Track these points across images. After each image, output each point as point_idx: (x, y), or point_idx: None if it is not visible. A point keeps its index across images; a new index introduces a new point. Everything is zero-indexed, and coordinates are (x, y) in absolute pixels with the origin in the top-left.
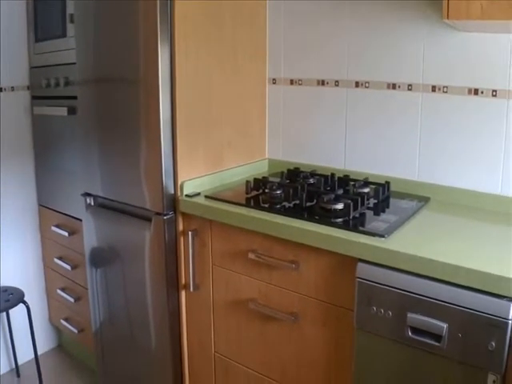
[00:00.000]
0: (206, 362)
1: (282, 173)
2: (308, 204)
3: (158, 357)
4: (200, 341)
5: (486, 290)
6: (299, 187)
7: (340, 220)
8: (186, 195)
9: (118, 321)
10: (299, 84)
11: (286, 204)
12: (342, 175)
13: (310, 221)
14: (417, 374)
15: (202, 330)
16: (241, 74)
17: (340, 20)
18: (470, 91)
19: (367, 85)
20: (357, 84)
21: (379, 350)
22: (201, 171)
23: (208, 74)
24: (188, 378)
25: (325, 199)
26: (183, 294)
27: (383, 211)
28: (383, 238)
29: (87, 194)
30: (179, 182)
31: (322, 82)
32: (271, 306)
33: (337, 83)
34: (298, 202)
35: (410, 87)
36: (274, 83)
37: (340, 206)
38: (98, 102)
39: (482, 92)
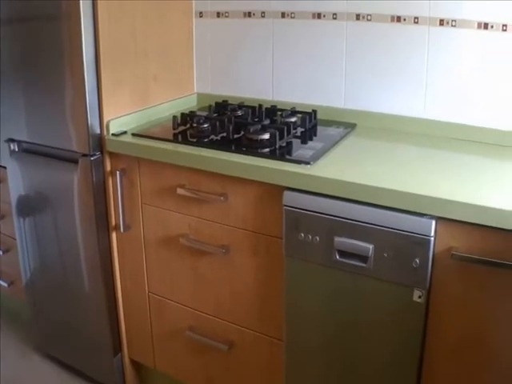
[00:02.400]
0: (140, 303)
1: (210, 106)
2: (235, 136)
3: (92, 301)
4: (133, 281)
5: (409, 209)
6: (226, 120)
7: (266, 150)
8: (113, 134)
9: (50, 268)
10: (226, 16)
11: (213, 137)
12: (269, 106)
13: (237, 152)
14: (346, 295)
15: (134, 270)
16: (166, 8)
17: None
18: (392, 19)
19: (293, 15)
20: (283, 15)
21: (309, 276)
22: (127, 109)
23: (132, 7)
24: (123, 320)
25: (251, 130)
26: (114, 235)
27: (310, 139)
28: (309, 165)
29: (11, 140)
30: (105, 121)
31: (249, 14)
32: (202, 240)
33: (263, 14)
34: (224, 134)
35: (334, 16)
36: (200, 16)
37: (266, 136)
38: (19, 41)
39: (405, 19)
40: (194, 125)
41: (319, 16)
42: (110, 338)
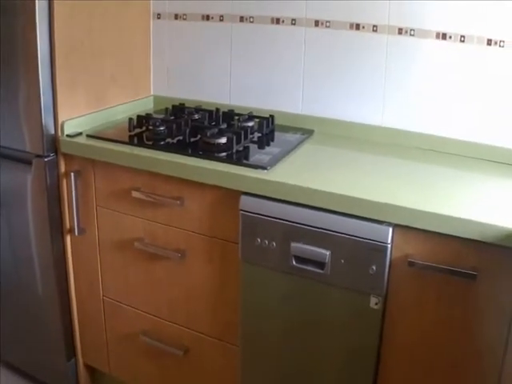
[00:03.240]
0: (95, 307)
1: (167, 109)
2: (192, 139)
3: (45, 305)
4: (88, 285)
5: (366, 216)
6: (183, 123)
7: (223, 154)
8: (67, 135)
9: (2, 272)
10: (184, 19)
11: (170, 140)
12: (227, 110)
13: (194, 156)
14: (303, 301)
15: (89, 274)
16: (124, 8)
17: None
18: (351, 26)
19: (252, 19)
20: (241, 19)
21: (265, 281)
22: (83, 110)
23: (89, 7)
24: (77, 324)
25: (208, 134)
26: (68, 238)
27: (267, 144)
28: (265, 170)
29: None
30: (60, 122)
31: (207, 17)
32: (157, 244)
33: (221, 18)
34: (181, 137)
35: (293, 22)
36: (158, 18)
37: (223, 140)
38: None
39: (364, 27)
40: (151, 127)
41: (278, 21)
42: (63, 343)
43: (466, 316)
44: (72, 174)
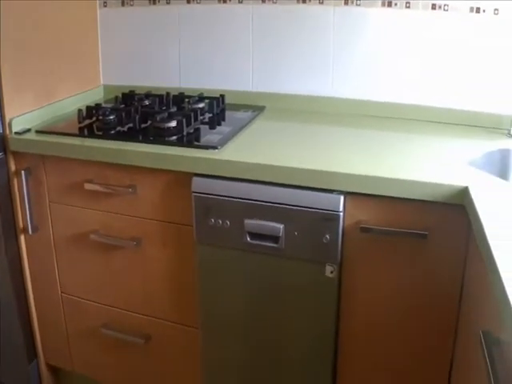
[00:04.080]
0: (53, 305)
1: (117, 97)
2: (142, 126)
3: (3, 309)
4: (45, 283)
5: (316, 186)
6: (132, 110)
7: (174, 137)
8: (16, 132)
9: None
10: (131, 5)
11: (120, 128)
12: (177, 93)
13: (144, 142)
14: (260, 277)
15: (46, 272)
16: None
17: None
18: (298, 0)
19: (199, 0)
20: (188, 0)
21: (221, 261)
22: (31, 105)
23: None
24: (37, 324)
25: (158, 119)
26: (22, 237)
27: (219, 124)
28: (216, 150)
29: None
30: (7, 120)
31: (154, 1)
32: (112, 234)
33: (168, 1)
34: (131, 125)
35: (240, 0)
36: (104, 6)
37: (173, 123)
38: None
39: (310, 0)
40: (100, 117)
41: (225, 0)
42: (24, 345)
43: (420, 275)
44: (23, 171)
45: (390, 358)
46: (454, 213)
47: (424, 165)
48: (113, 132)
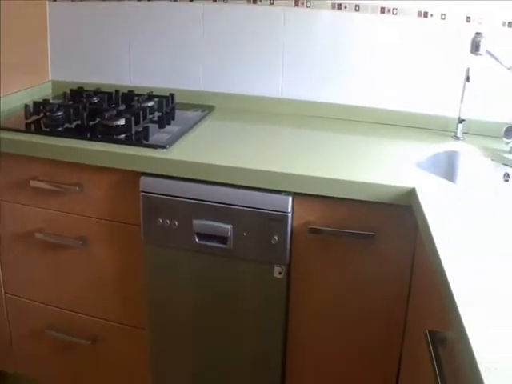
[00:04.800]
0: None
1: (65, 94)
2: (90, 123)
3: None
4: None
5: (264, 187)
6: (81, 107)
7: (122, 136)
8: None
9: None
10: (80, 0)
11: (68, 125)
12: (126, 91)
13: (92, 140)
14: (209, 278)
15: None
16: None
17: None
18: (249, 0)
19: None
20: None
21: (169, 262)
22: None
23: None
24: None
25: (106, 116)
26: None
27: (168, 123)
28: (164, 149)
29: None
30: None
31: None
32: (59, 233)
33: None
34: (79, 122)
35: None
36: (54, 0)
37: (122, 121)
38: None
39: (261, 0)
40: (48, 113)
41: None
42: None
43: (369, 276)
44: None
45: (339, 357)
46: (402, 213)
47: (372, 166)
48: (60, 129)
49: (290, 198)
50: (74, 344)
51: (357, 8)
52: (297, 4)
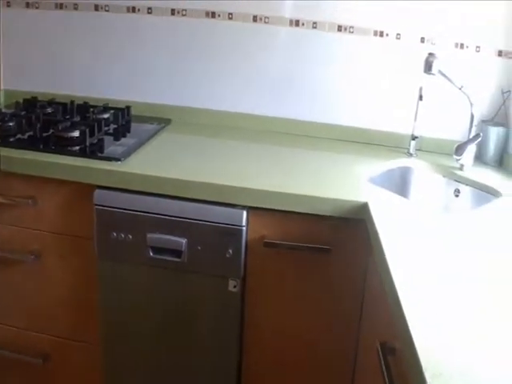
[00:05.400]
0: None
1: (17, 103)
2: (44, 134)
3: None
4: None
5: (219, 201)
6: (34, 117)
7: (76, 148)
8: None
9: None
10: (36, 7)
11: (20, 136)
12: (82, 102)
13: (45, 151)
14: (163, 292)
15: None
16: None
17: None
18: (207, 14)
19: (107, 8)
20: (96, 7)
21: (124, 276)
22: None
23: None
24: None
25: (60, 128)
26: None
27: (123, 136)
28: (119, 162)
29: None
30: None
31: (61, 6)
32: (10, 247)
33: (76, 6)
34: (32, 133)
35: (149, 11)
36: (8, 6)
37: (76, 133)
38: None
39: (219, 15)
40: None
41: (134, 10)
42: None
43: (323, 289)
44: None
45: (295, 371)
46: (356, 228)
47: (327, 181)
48: (12, 139)
49: (245, 212)
50: (24, 363)
51: (314, 25)
52: (255, 20)
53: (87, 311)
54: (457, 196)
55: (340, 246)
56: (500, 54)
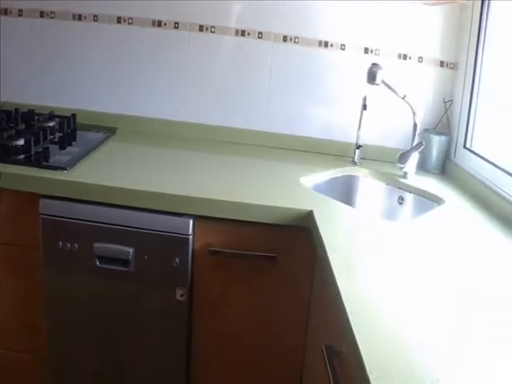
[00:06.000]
0: None
1: None
2: None
3: None
4: None
5: (165, 210)
6: None
7: (21, 156)
8: None
9: None
10: None
11: None
12: (26, 110)
13: None
14: (112, 301)
15: None
16: None
17: None
18: (153, 23)
19: (52, 15)
20: (42, 14)
21: (70, 286)
22: None
23: None
24: None
25: (5, 136)
26: None
27: (69, 144)
28: (65, 171)
29: None
30: None
31: (5, 12)
32: None
33: (20, 13)
34: None
35: (95, 18)
36: None
37: (21, 141)
38: None
39: (166, 24)
40: None
41: (80, 17)
42: None
43: (270, 295)
44: None
45: (243, 378)
46: (302, 235)
47: (272, 189)
48: None
49: (191, 221)
50: None
51: (260, 35)
52: (201, 29)
53: (35, 322)
54: (401, 204)
55: (286, 254)
56: (442, 64)
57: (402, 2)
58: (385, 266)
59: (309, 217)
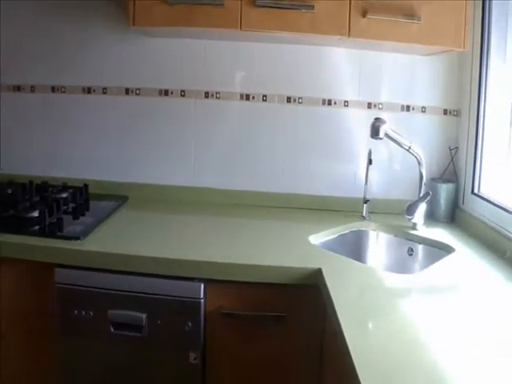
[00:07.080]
0: None
1: None
2: (4, 215)
3: None
4: None
5: (176, 275)
6: None
7: (36, 227)
8: None
9: None
10: None
11: None
12: (40, 182)
13: (6, 232)
14: (125, 366)
15: None
16: None
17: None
18: (160, 92)
19: (63, 90)
20: (53, 89)
21: (85, 352)
22: None
23: None
24: None
25: (20, 208)
26: None
27: (82, 214)
28: (79, 240)
29: None
30: None
31: (18, 88)
32: None
33: (32, 89)
34: None
35: (104, 91)
36: None
37: (36, 213)
38: None
39: (172, 92)
40: None
41: (89, 90)
42: None
43: (281, 354)
44: None
45: None
46: (311, 293)
47: (281, 249)
48: None
49: (202, 285)
50: None
51: (264, 98)
52: (207, 96)
53: None
54: (410, 255)
55: (295, 313)
56: (445, 112)
57: (399, 54)
58: (395, 320)
59: (317, 275)
